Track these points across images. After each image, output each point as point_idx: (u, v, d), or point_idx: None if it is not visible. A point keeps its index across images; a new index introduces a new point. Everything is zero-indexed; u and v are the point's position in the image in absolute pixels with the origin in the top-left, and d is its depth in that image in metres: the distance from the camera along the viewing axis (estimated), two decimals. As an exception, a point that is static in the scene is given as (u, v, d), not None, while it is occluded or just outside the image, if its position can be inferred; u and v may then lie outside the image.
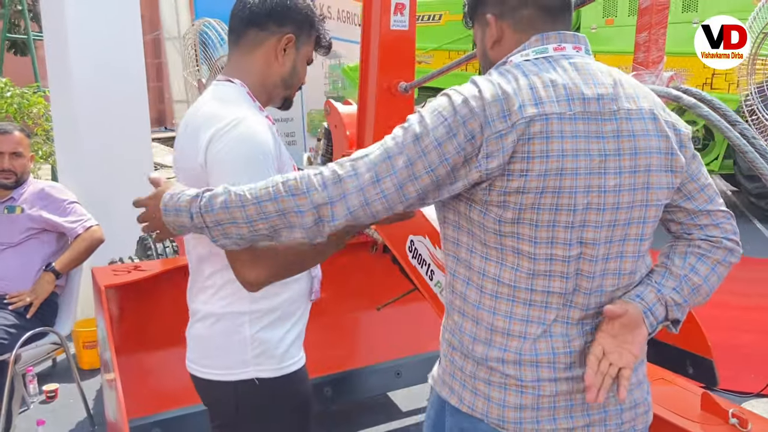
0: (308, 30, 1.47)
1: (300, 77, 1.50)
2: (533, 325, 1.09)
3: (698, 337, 2.98)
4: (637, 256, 1.12)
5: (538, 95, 1.02)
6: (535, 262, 1.07)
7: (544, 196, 1.03)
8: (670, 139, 1.11)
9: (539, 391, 1.09)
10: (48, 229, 2.99)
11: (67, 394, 3.42)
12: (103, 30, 3.86)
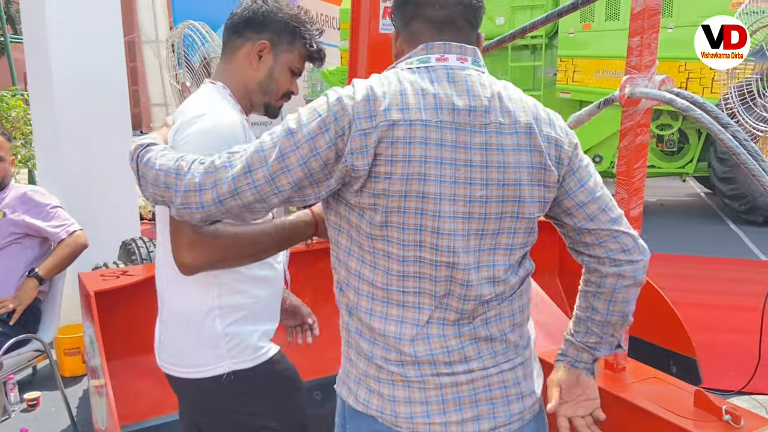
0: (288, 38, 1.48)
1: (279, 84, 1.51)
2: (407, 326, 1.13)
3: (682, 337, 3.04)
4: (507, 264, 1.15)
5: (406, 101, 1.06)
6: (404, 264, 1.10)
7: (409, 200, 1.06)
8: (543, 154, 1.12)
9: (425, 385, 1.13)
10: (31, 234, 2.93)
11: (50, 402, 3.36)
12: (85, 34, 3.81)
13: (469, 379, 1.14)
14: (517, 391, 1.19)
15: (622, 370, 1.83)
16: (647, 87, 1.60)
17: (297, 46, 1.50)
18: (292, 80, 1.53)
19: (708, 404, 1.57)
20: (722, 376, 3.44)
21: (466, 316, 1.15)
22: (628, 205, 1.73)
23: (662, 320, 3.09)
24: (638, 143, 1.67)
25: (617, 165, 1.75)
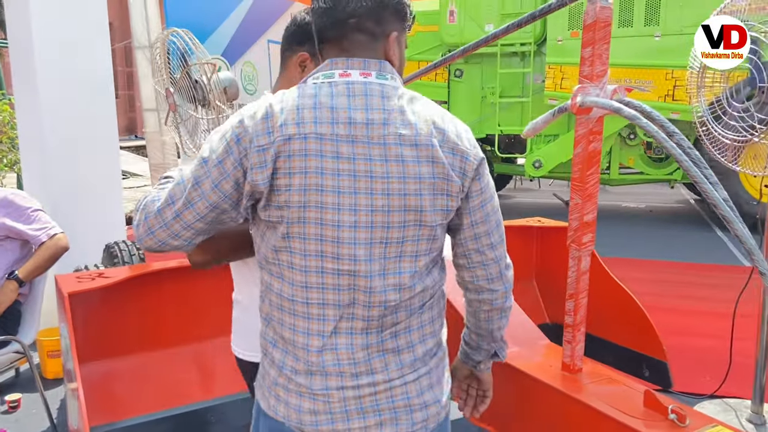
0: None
1: None
2: (314, 337, 1.18)
3: (653, 341, 3.09)
4: (413, 271, 1.19)
5: (302, 116, 1.12)
6: (306, 275, 1.16)
7: (308, 210, 1.12)
8: (445, 165, 1.16)
9: (329, 399, 1.18)
10: (11, 237, 2.96)
11: (31, 404, 3.38)
12: (70, 38, 3.85)
13: (372, 391, 1.19)
14: (420, 402, 1.24)
15: (578, 371, 1.88)
16: (599, 96, 1.66)
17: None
18: None
19: (656, 404, 1.61)
20: (696, 380, 3.49)
21: (374, 326, 1.19)
22: (582, 210, 1.78)
23: (635, 324, 3.14)
24: (591, 150, 1.73)
25: (573, 171, 1.80)
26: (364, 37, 1.22)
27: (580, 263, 1.86)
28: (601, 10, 1.63)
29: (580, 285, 1.89)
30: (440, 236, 1.22)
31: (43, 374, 3.65)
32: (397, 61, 1.27)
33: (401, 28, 1.29)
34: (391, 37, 1.25)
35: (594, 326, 3.36)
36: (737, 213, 1.47)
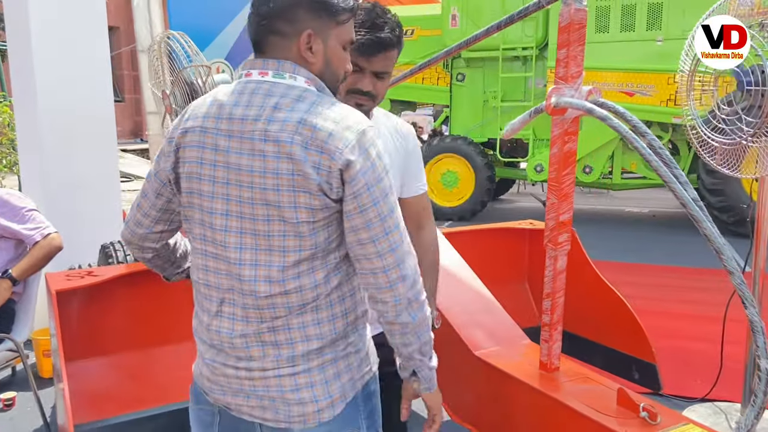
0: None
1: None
2: (205, 314, 1.31)
3: (643, 343, 3.09)
4: (282, 266, 1.21)
5: (197, 112, 1.26)
6: (197, 256, 1.30)
7: (192, 196, 1.26)
8: (303, 163, 1.16)
9: (215, 371, 1.32)
10: (6, 236, 3.00)
11: (25, 403, 3.42)
12: (69, 40, 3.89)
13: (249, 376, 1.27)
14: (296, 397, 1.27)
15: (555, 370, 1.89)
16: (574, 97, 1.67)
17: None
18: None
19: (629, 402, 1.62)
20: (687, 384, 3.49)
21: (253, 315, 1.24)
22: (558, 210, 1.80)
23: (625, 327, 3.15)
24: (566, 150, 1.74)
25: (549, 172, 1.82)
26: (276, 38, 1.27)
27: (557, 262, 1.87)
28: (576, 12, 1.65)
29: (556, 284, 1.90)
30: (312, 235, 1.21)
31: (39, 373, 3.69)
32: (316, 58, 1.29)
33: (322, 25, 1.29)
34: (304, 35, 1.27)
35: (584, 328, 3.38)
36: (706, 213, 1.48)
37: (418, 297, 1.26)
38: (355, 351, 1.34)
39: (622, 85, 8.05)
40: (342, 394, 1.32)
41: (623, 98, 8.05)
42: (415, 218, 1.74)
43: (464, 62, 9.27)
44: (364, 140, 1.20)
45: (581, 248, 3.35)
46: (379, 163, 1.21)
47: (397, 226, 1.23)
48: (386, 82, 1.63)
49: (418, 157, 1.76)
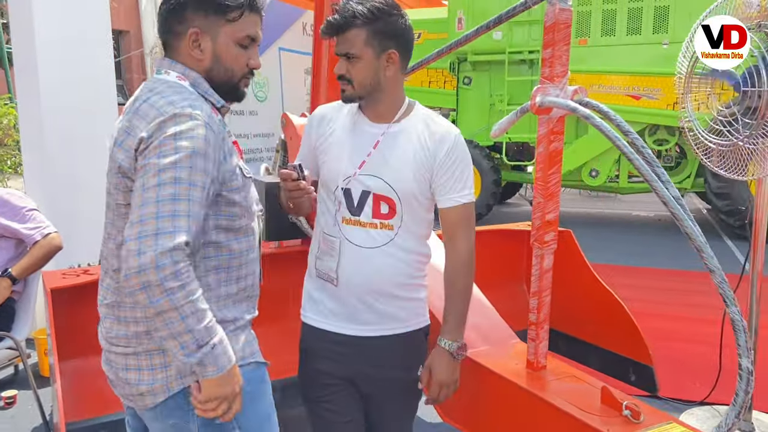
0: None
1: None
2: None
3: (639, 346, 3.08)
4: (115, 242, 1.38)
5: None
6: None
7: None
8: (117, 140, 1.35)
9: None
10: (6, 236, 3.04)
11: (27, 401, 3.46)
12: (72, 38, 3.93)
13: (106, 348, 1.44)
14: (123, 377, 1.38)
15: (542, 368, 1.89)
16: (559, 97, 1.68)
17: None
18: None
19: (612, 401, 1.62)
20: (686, 387, 3.47)
21: (113, 287, 1.40)
22: (544, 209, 1.80)
23: (622, 330, 3.13)
24: (552, 150, 1.75)
25: (536, 171, 1.82)
26: (171, 37, 1.41)
27: (543, 261, 1.88)
28: (561, 12, 1.65)
29: (543, 283, 1.91)
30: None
31: (40, 372, 3.72)
32: (204, 55, 1.40)
33: (210, 23, 1.38)
34: (189, 33, 1.38)
35: (582, 330, 3.37)
36: (687, 211, 1.48)
37: (163, 282, 1.17)
38: None
39: (629, 89, 8.02)
40: (165, 385, 1.36)
41: (629, 101, 8.02)
42: (446, 231, 1.73)
43: (471, 66, 9.27)
44: (167, 121, 1.27)
45: (579, 251, 3.35)
46: (171, 143, 1.25)
47: (156, 201, 1.20)
48: (360, 65, 1.62)
49: (450, 167, 1.67)
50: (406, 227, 1.71)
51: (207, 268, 1.39)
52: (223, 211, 1.39)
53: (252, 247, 1.49)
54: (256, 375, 1.47)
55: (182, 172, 1.22)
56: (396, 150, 1.68)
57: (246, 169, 1.45)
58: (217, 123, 1.37)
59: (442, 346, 1.69)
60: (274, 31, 9.40)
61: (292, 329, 3.14)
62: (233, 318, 1.45)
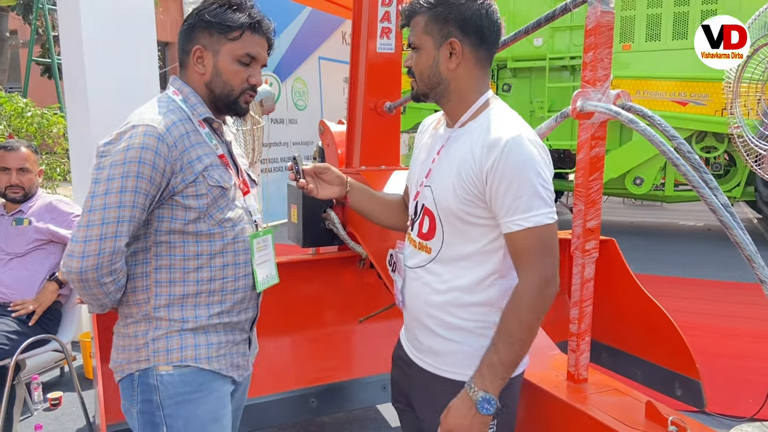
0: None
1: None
2: None
3: (686, 359, 2.97)
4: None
5: None
6: None
7: None
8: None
9: None
10: (54, 241, 3.13)
11: (71, 403, 3.54)
12: (119, 54, 4.04)
13: None
14: (111, 352, 1.61)
15: (583, 381, 1.84)
16: (600, 101, 1.63)
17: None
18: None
19: (657, 415, 1.56)
20: (736, 402, 3.34)
21: None
22: (585, 216, 1.75)
23: (668, 343, 3.03)
24: (593, 156, 1.70)
25: (576, 177, 1.78)
26: (183, 56, 1.58)
27: (584, 270, 1.83)
28: (602, 14, 1.61)
29: (584, 293, 1.85)
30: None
31: (85, 374, 3.81)
32: (205, 69, 1.55)
33: (213, 41, 1.54)
34: (193, 51, 1.55)
35: (626, 343, 3.27)
36: (737, 219, 1.42)
37: (68, 257, 1.42)
38: (134, 336, 1.54)
39: (674, 94, 7.83)
40: (120, 367, 1.57)
41: (676, 108, 7.83)
42: (513, 260, 1.42)
43: (510, 73, 9.20)
44: (125, 132, 1.47)
45: (623, 260, 3.26)
46: (120, 155, 1.43)
47: (90, 210, 1.42)
48: (421, 56, 1.48)
49: (500, 182, 1.36)
50: (447, 253, 1.49)
51: (158, 265, 1.52)
52: (177, 214, 1.50)
53: (218, 252, 1.55)
54: (193, 379, 1.54)
55: (106, 186, 1.44)
56: (449, 158, 1.48)
57: (213, 179, 1.51)
58: (185, 134, 1.50)
59: (465, 390, 1.41)
60: (314, 41, 9.53)
61: (325, 336, 3.16)
62: (180, 318, 1.54)
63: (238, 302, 1.61)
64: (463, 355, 1.49)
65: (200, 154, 1.51)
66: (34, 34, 9.30)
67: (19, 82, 13.31)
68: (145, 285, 1.53)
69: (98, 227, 1.40)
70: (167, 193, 1.48)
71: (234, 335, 1.63)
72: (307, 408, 2.82)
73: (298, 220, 2.92)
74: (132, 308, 1.55)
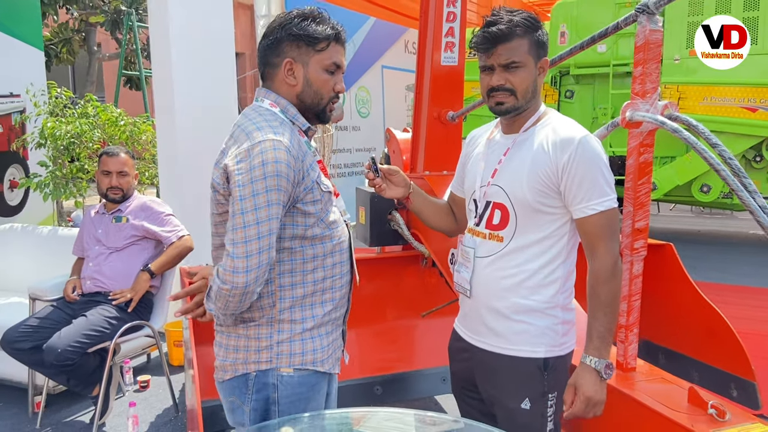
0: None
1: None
2: None
3: (742, 361, 3.03)
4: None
5: None
6: None
7: None
8: (217, 164, 1.62)
9: None
10: (148, 237, 3.46)
11: (158, 386, 3.89)
12: (202, 71, 4.41)
13: None
14: (214, 349, 1.72)
15: (632, 370, 1.98)
16: (648, 111, 1.78)
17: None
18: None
19: (699, 400, 1.69)
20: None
21: None
22: (634, 217, 1.90)
23: (725, 345, 3.10)
24: (641, 161, 1.85)
25: (626, 181, 1.93)
26: (269, 69, 1.65)
27: (633, 267, 1.97)
28: (651, 33, 1.76)
29: (632, 288, 1.99)
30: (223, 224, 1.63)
31: (169, 361, 4.16)
32: (297, 81, 1.62)
33: (302, 53, 1.61)
34: (284, 63, 1.62)
35: (683, 345, 3.35)
36: (775, 220, 1.54)
37: (232, 273, 1.48)
38: (257, 338, 1.61)
39: (744, 100, 7.68)
40: (233, 366, 1.63)
41: (745, 114, 7.67)
42: (586, 244, 1.65)
43: (573, 79, 9.20)
44: (254, 148, 1.49)
45: (681, 266, 3.33)
46: (259, 170, 1.47)
47: (244, 225, 1.48)
48: (523, 74, 1.64)
49: (576, 174, 1.59)
50: (519, 240, 1.68)
51: (281, 270, 1.60)
52: (297, 221, 1.59)
53: (329, 253, 1.66)
54: (309, 380, 1.65)
55: (255, 200, 1.50)
56: (519, 158, 1.68)
57: (324, 185, 1.63)
58: (299, 145, 1.57)
59: (587, 363, 1.61)
60: (377, 49, 9.80)
61: (389, 329, 3.38)
62: (301, 318, 1.63)
63: (342, 297, 1.73)
64: (528, 334, 1.69)
65: (311, 162, 1.61)
66: (124, 48, 9.96)
67: (102, 92, 14.22)
68: (270, 290, 1.60)
69: (256, 241, 1.47)
70: (291, 202, 1.55)
71: (336, 332, 1.75)
72: (372, 395, 3.04)
73: (366, 221, 3.15)
74: (254, 313, 1.61)
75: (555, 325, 1.69)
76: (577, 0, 8.82)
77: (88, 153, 4.97)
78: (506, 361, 1.71)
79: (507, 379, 1.72)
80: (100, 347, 3.12)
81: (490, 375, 1.76)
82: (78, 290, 3.36)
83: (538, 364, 1.69)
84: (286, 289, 1.61)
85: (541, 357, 1.68)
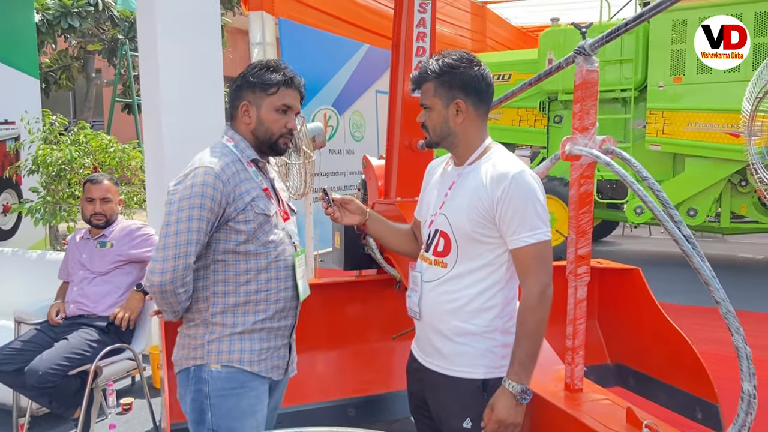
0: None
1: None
2: None
3: (706, 384, 3.11)
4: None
5: None
6: None
7: None
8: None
9: None
10: (133, 261, 3.56)
11: (141, 408, 3.96)
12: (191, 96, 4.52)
13: None
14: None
15: (578, 391, 2.06)
16: (587, 146, 1.90)
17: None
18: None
19: (635, 420, 1.78)
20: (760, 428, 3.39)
21: None
22: (576, 245, 2.00)
23: (690, 368, 3.17)
24: (582, 192, 1.96)
25: (569, 210, 2.03)
26: (232, 110, 1.97)
27: (577, 292, 2.07)
28: (588, 73, 1.88)
29: (577, 312, 2.09)
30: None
31: (153, 384, 4.23)
32: (250, 120, 1.92)
33: (256, 97, 1.91)
34: (241, 106, 1.94)
35: (649, 366, 3.42)
36: (698, 249, 1.64)
37: (150, 273, 1.81)
38: (194, 337, 1.89)
39: (727, 126, 7.82)
40: (179, 361, 1.93)
41: (728, 139, 7.79)
42: (518, 273, 1.77)
43: (561, 105, 9.36)
44: (189, 173, 1.84)
45: (647, 289, 3.41)
46: (187, 191, 1.80)
47: (166, 235, 1.80)
48: (432, 114, 1.85)
49: (509, 207, 1.71)
50: (461, 267, 1.79)
51: (215, 279, 1.88)
52: (230, 237, 1.85)
53: (263, 269, 1.89)
54: (236, 377, 1.88)
55: (177, 216, 1.80)
56: (462, 189, 1.81)
57: (260, 208, 1.88)
58: (235, 172, 1.86)
59: (505, 387, 1.72)
60: (371, 75, 9.99)
61: (368, 351, 3.45)
62: (232, 323, 1.89)
63: (279, 311, 1.95)
64: (468, 356, 1.81)
65: (248, 188, 1.89)
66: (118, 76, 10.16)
67: (101, 116, 14.44)
68: (206, 295, 1.89)
69: (173, 248, 1.77)
70: (223, 219, 1.84)
71: (276, 341, 1.98)
72: (345, 417, 3.11)
73: (341, 245, 3.25)
74: (194, 314, 1.91)
75: (494, 347, 1.80)
76: (564, 28, 9.01)
77: (79, 179, 5.09)
78: (449, 381, 1.83)
79: (450, 399, 1.84)
80: (80, 370, 3.20)
81: (437, 394, 1.88)
82: (62, 314, 3.45)
83: (477, 385, 1.80)
84: (219, 296, 1.88)
85: (480, 378, 1.80)
